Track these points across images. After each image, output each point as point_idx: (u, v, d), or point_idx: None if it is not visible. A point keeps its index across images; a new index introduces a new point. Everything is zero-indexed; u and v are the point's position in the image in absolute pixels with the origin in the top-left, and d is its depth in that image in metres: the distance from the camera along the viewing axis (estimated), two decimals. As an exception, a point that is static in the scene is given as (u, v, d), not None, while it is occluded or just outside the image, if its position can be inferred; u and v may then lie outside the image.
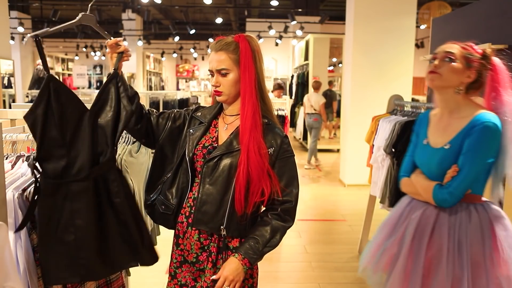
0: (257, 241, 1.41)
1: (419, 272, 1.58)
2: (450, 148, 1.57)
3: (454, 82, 1.57)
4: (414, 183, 1.70)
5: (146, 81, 13.97)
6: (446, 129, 1.62)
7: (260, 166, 1.40)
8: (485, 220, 1.56)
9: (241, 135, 1.42)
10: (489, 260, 1.52)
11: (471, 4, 2.81)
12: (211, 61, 1.47)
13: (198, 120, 1.54)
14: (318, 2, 12.53)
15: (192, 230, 1.46)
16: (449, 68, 1.57)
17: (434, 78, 1.59)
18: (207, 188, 1.44)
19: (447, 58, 1.58)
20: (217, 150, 1.45)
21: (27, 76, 10.76)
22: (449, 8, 7.94)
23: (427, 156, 1.66)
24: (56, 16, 9.07)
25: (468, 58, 1.56)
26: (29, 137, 1.68)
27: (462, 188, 1.55)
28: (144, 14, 10.51)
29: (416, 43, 10.37)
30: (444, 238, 1.57)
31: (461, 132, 1.56)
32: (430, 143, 1.67)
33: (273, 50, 13.07)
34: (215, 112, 1.55)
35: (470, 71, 1.57)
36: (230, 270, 1.37)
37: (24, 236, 1.38)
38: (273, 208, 1.46)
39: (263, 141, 1.43)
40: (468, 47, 1.59)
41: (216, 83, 1.46)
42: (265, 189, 1.41)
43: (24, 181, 1.50)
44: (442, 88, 1.61)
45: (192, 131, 1.52)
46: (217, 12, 10.23)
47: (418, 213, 1.66)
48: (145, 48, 14.70)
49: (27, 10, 11.79)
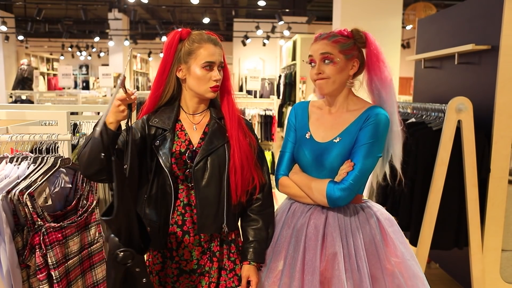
0: (259, 243, 1.50)
1: (316, 284, 1.44)
2: (341, 141, 1.48)
3: (343, 80, 1.49)
4: (298, 182, 1.54)
5: (133, 81, 13.85)
6: (334, 123, 1.53)
7: (250, 154, 1.47)
8: (372, 218, 1.53)
9: (230, 128, 1.47)
10: (385, 259, 1.49)
11: (456, 5, 2.85)
12: (213, 53, 1.41)
13: (159, 128, 1.45)
14: (305, 3, 12.56)
15: (190, 237, 1.44)
16: (334, 70, 1.47)
17: (323, 86, 1.49)
18: (202, 192, 1.42)
19: (326, 60, 1.47)
20: (201, 153, 1.43)
21: (10, 76, 10.57)
22: (434, 9, 8.04)
23: (313, 151, 1.53)
24: (41, 15, 8.91)
25: (344, 51, 1.47)
26: (13, 138, 1.65)
27: (359, 182, 1.45)
28: (130, 14, 10.41)
29: (402, 44, 10.46)
30: (337, 243, 1.46)
31: (352, 125, 1.49)
32: (315, 137, 1.55)
33: (261, 50, 13.07)
34: (174, 115, 1.48)
35: (352, 61, 1.50)
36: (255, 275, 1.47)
37: (8, 239, 1.36)
38: (257, 198, 1.52)
39: (249, 131, 1.50)
40: (339, 37, 1.48)
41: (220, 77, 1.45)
42: (255, 175, 1.47)
43: (8, 183, 1.47)
44: (334, 90, 1.51)
45: (159, 142, 1.43)
46: (204, 12, 10.18)
47: (303, 221, 1.52)
48: (132, 48, 14.58)
49: (10, 8, 11.57)
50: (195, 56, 1.41)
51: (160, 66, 1.46)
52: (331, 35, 1.49)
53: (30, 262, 1.44)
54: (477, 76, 2.53)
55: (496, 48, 2.34)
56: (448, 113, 2.23)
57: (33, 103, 6.36)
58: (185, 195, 1.44)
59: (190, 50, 1.41)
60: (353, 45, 1.49)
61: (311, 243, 1.49)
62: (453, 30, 2.82)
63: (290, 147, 1.61)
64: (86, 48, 15.76)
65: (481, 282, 2.35)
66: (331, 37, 1.48)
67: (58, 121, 1.86)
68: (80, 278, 1.60)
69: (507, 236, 2.46)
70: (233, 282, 1.50)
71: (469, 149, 2.25)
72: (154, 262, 1.49)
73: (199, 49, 1.41)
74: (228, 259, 1.51)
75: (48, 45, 16.30)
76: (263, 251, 1.51)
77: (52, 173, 1.55)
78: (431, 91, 3.11)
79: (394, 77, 5.72)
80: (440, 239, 2.37)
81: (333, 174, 1.49)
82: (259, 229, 1.50)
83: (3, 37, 10.58)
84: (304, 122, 1.60)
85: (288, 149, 1.62)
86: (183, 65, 1.43)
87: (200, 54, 1.40)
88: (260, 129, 5.04)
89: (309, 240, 1.49)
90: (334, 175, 1.49)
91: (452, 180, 2.30)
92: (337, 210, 1.51)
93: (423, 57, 3.06)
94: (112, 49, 12.90)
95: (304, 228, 1.51)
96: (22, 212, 1.43)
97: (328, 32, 1.52)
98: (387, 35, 5.77)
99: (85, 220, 1.64)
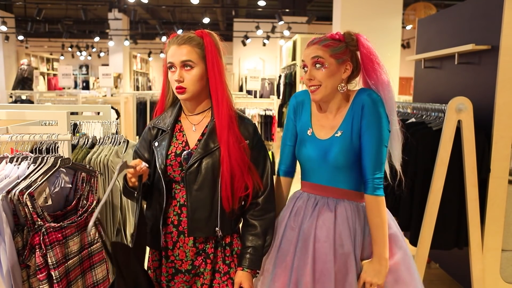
0: (255, 249, 1.46)
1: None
2: (343, 134, 1.48)
3: (335, 85, 1.48)
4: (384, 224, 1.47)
5: (133, 81, 13.85)
6: (333, 123, 1.52)
7: (242, 160, 1.41)
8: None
9: (219, 132, 1.40)
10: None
11: (456, 5, 2.85)
12: (174, 54, 1.39)
13: (159, 129, 1.47)
14: (305, 3, 12.57)
15: (185, 238, 1.44)
16: (325, 75, 1.45)
17: (316, 93, 1.48)
18: (194, 195, 1.41)
19: (317, 64, 1.46)
20: (195, 155, 1.41)
21: (10, 76, 10.56)
22: (434, 9, 8.04)
23: (317, 148, 1.51)
24: (41, 15, 8.91)
25: (335, 55, 1.46)
26: (13, 138, 1.65)
27: (383, 169, 1.47)
28: (130, 14, 10.41)
29: (402, 44, 10.46)
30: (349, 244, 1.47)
31: (348, 114, 1.49)
32: (316, 135, 1.53)
33: (261, 50, 13.06)
34: (174, 116, 1.47)
35: (345, 65, 1.48)
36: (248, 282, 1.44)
37: (8, 239, 1.36)
38: (256, 203, 1.47)
39: (240, 135, 1.43)
40: (330, 42, 1.47)
41: (180, 78, 1.38)
42: (248, 183, 1.42)
43: (8, 183, 1.47)
44: (326, 96, 1.50)
45: (157, 143, 1.45)
46: (204, 12, 10.18)
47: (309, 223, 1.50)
48: (132, 48, 14.57)
49: (10, 8, 11.57)
50: (166, 58, 1.44)
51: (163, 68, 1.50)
52: (322, 40, 1.48)
53: (30, 262, 1.44)
54: (477, 76, 2.53)
55: (496, 48, 2.33)
56: (448, 113, 2.23)
57: (33, 103, 6.36)
58: (181, 196, 1.44)
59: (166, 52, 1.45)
60: (345, 49, 1.48)
61: (322, 246, 1.47)
62: (453, 30, 2.82)
63: (290, 139, 1.61)
64: (86, 48, 15.76)
65: (481, 282, 2.35)
66: (322, 41, 1.47)
67: (58, 121, 1.85)
68: (80, 278, 1.60)
69: (507, 236, 2.46)
70: (227, 286, 1.48)
71: (469, 149, 2.25)
72: (153, 259, 1.50)
73: (167, 52, 1.43)
74: (223, 262, 1.49)
75: (48, 45, 16.29)
76: (259, 258, 1.48)
77: (52, 173, 1.55)
78: (431, 91, 3.10)
79: (394, 77, 5.76)
80: (440, 239, 2.37)
81: (337, 170, 1.49)
82: (256, 235, 1.46)
83: (3, 37, 10.58)
84: (306, 118, 1.58)
85: (288, 141, 1.62)
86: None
87: (167, 56, 1.43)
88: (260, 129, 5.05)
89: (318, 242, 1.47)
90: (338, 171, 1.49)
91: (452, 180, 2.30)
92: (344, 210, 1.50)
93: (423, 57, 3.06)
94: (112, 49, 12.90)
95: (312, 230, 1.49)
96: (22, 212, 1.43)
97: (320, 37, 1.51)
98: (387, 35, 5.77)
99: (85, 220, 1.64)
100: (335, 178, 1.51)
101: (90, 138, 2.14)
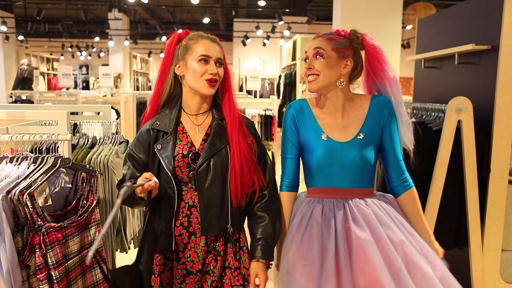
0: (266, 239, 1.48)
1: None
2: (365, 137, 1.51)
3: (332, 77, 1.49)
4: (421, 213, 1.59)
5: (133, 81, 13.85)
6: (347, 123, 1.53)
7: (250, 157, 1.46)
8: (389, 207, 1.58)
9: (231, 130, 1.45)
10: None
11: (456, 5, 2.85)
12: (210, 49, 1.43)
13: (159, 131, 1.46)
14: (305, 3, 12.57)
15: (197, 238, 1.45)
16: (323, 65, 1.47)
17: (313, 83, 1.49)
18: (206, 194, 1.43)
19: (317, 55, 1.48)
20: (203, 155, 1.43)
21: (10, 76, 10.56)
22: (434, 9, 8.04)
23: (333, 151, 1.51)
24: (41, 15, 8.90)
25: (337, 49, 1.48)
26: (13, 138, 1.65)
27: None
28: (130, 14, 10.40)
29: (402, 44, 10.47)
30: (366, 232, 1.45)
31: (369, 117, 1.52)
32: (333, 138, 1.52)
33: (261, 50, 13.06)
34: (176, 117, 1.48)
35: (345, 60, 1.49)
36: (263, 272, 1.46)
37: (8, 239, 1.36)
38: (263, 195, 1.50)
39: (248, 132, 1.49)
40: (334, 36, 1.50)
41: (217, 71, 1.44)
42: (255, 179, 1.46)
43: (8, 183, 1.47)
44: (323, 88, 1.50)
45: (161, 146, 1.44)
46: (204, 12, 10.18)
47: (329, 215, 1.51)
48: (132, 48, 14.57)
49: (10, 8, 11.56)
50: (192, 51, 1.43)
51: (160, 67, 1.49)
52: (327, 33, 1.51)
53: (30, 262, 1.44)
54: (477, 76, 2.53)
55: (496, 48, 2.33)
56: (448, 113, 2.23)
57: (33, 103, 6.36)
58: (190, 197, 1.45)
59: (186, 46, 1.45)
60: (348, 45, 1.50)
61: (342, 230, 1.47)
62: (453, 30, 2.82)
63: (292, 152, 1.58)
64: (86, 48, 15.75)
65: (481, 282, 2.35)
66: (327, 35, 1.51)
67: (58, 121, 1.85)
68: (80, 278, 1.60)
69: (507, 236, 2.45)
70: (238, 281, 1.50)
71: (469, 149, 2.24)
72: (156, 263, 1.49)
73: (195, 44, 1.43)
74: (233, 258, 1.51)
75: (48, 45, 16.29)
76: (271, 248, 1.51)
77: (52, 173, 1.55)
78: (431, 91, 3.10)
79: (394, 77, 5.76)
80: (440, 239, 2.36)
81: (354, 171, 1.50)
82: (266, 226, 1.49)
83: (3, 37, 10.58)
84: (312, 124, 1.55)
85: (291, 154, 1.59)
86: (181, 62, 1.46)
87: (196, 49, 1.43)
88: (260, 129, 5.04)
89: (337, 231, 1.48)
90: (355, 172, 1.50)
91: (452, 180, 2.30)
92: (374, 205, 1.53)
93: (423, 57, 3.06)
94: (112, 49, 12.89)
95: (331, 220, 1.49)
96: (22, 212, 1.43)
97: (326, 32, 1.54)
98: (387, 35, 5.76)
99: (85, 220, 1.64)
100: (358, 180, 1.53)
101: (90, 138, 2.14)
